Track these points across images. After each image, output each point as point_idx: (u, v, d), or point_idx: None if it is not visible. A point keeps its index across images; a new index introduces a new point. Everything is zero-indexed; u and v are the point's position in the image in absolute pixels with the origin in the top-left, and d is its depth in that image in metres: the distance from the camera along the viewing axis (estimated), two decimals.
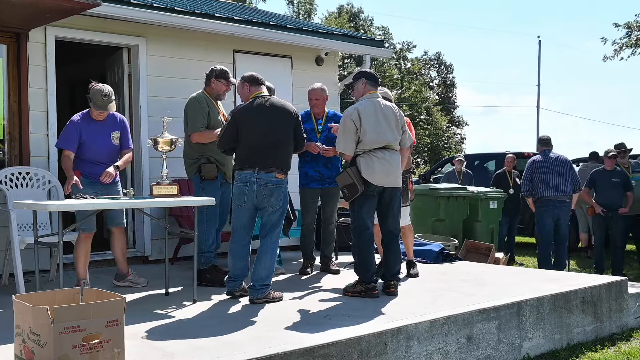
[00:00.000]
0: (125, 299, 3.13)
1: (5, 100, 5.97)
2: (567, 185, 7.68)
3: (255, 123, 4.80)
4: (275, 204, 4.80)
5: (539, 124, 35.74)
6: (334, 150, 5.58)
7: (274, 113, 4.85)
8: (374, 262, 5.05)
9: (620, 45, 17.02)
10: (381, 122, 4.97)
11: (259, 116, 4.81)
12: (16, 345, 3.09)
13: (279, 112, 4.88)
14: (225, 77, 5.63)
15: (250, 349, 3.43)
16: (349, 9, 38.19)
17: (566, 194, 7.67)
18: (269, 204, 4.78)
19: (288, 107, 4.96)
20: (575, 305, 5.11)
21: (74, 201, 4.59)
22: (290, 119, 4.93)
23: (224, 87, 5.65)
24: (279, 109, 4.89)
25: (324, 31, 8.40)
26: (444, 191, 8.73)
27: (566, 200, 7.69)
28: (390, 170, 4.98)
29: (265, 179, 4.75)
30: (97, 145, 5.15)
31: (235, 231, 4.91)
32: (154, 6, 6.49)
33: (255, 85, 4.97)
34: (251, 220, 4.90)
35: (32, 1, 5.07)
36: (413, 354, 3.95)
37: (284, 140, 4.88)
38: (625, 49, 16.99)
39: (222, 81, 5.62)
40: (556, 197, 7.63)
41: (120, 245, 5.39)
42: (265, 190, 4.75)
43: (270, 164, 4.76)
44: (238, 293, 4.90)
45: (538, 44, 34.16)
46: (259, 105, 4.86)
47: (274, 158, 4.78)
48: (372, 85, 5.14)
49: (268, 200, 4.77)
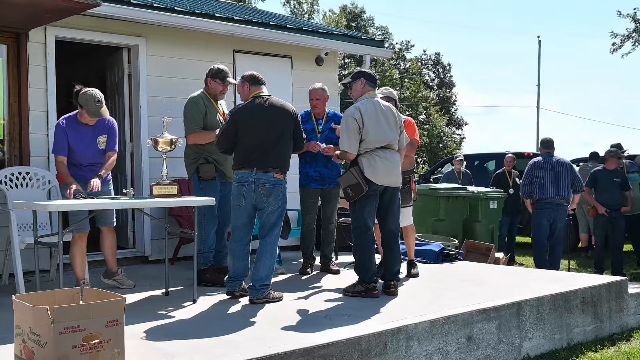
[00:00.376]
0: (126, 299, 3.13)
1: (5, 100, 5.97)
2: (566, 189, 7.73)
3: (254, 123, 4.79)
4: (274, 204, 4.80)
5: (539, 123, 35.83)
6: (334, 149, 5.59)
7: (272, 113, 4.84)
8: (375, 262, 5.05)
9: (628, 36, 16.96)
10: (382, 122, 4.98)
11: (258, 116, 4.80)
12: (16, 345, 3.09)
13: (278, 112, 4.87)
14: (220, 76, 5.56)
15: (250, 349, 3.43)
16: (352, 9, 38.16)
17: (564, 198, 7.71)
18: (267, 204, 4.78)
19: (287, 107, 4.95)
20: (575, 306, 5.11)
21: (74, 201, 4.59)
22: (290, 119, 4.92)
23: (220, 87, 5.58)
24: (278, 108, 4.88)
25: (324, 31, 8.40)
26: (444, 191, 8.73)
27: (563, 203, 7.73)
28: (392, 169, 4.99)
29: (264, 179, 4.74)
30: (82, 149, 5.11)
31: (234, 231, 4.91)
32: (154, 6, 6.49)
33: (255, 85, 4.95)
34: (250, 220, 4.89)
35: (32, 1, 5.07)
36: (413, 354, 3.95)
37: (283, 140, 4.87)
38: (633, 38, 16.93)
39: (217, 81, 5.57)
40: (553, 200, 7.69)
41: (110, 244, 5.38)
42: (264, 190, 4.75)
43: (268, 164, 4.75)
44: (238, 293, 4.89)
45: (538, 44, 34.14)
46: (258, 105, 4.84)
47: (273, 158, 4.78)
48: (371, 86, 5.14)
49: (266, 200, 4.77)
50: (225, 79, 5.57)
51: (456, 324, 4.22)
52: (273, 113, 4.84)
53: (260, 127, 4.78)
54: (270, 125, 4.80)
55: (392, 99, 5.61)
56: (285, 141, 4.88)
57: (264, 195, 4.75)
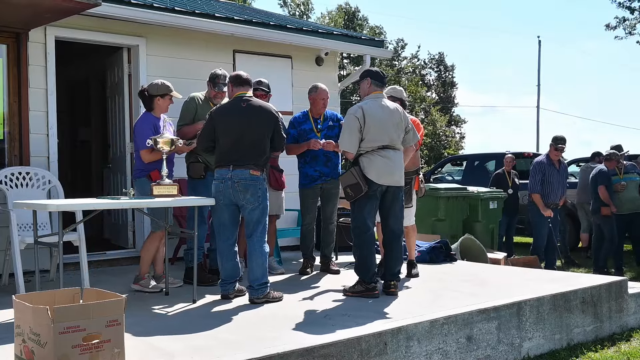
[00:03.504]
0: (126, 299, 3.13)
1: (5, 100, 5.97)
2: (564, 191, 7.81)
3: (230, 122, 4.81)
4: (252, 201, 4.77)
5: (538, 124, 35.80)
6: (334, 145, 5.60)
7: (250, 113, 4.83)
8: (375, 262, 5.05)
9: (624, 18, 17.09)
10: (385, 122, 4.97)
11: (235, 116, 4.83)
12: (16, 345, 3.09)
13: (256, 112, 4.84)
14: (213, 82, 5.60)
15: (250, 349, 3.43)
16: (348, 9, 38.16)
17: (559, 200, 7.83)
18: (245, 201, 4.76)
19: (267, 108, 4.91)
20: (575, 306, 5.11)
21: (74, 201, 4.60)
22: (269, 120, 4.87)
23: (213, 92, 5.62)
24: (255, 109, 4.86)
25: (324, 31, 8.40)
26: (444, 191, 8.73)
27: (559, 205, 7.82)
28: (394, 169, 4.98)
29: (240, 175, 4.74)
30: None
31: (217, 230, 4.93)
32: (154, 6, 6.49)
33: (238, 86, 4.95)
34: (234, 219, 4.88)
35: (32, 1, 5.07)
36: (413, 354, 3.95)
37: (259, 141, 4.82)
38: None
39: (210, 85, 5.64)
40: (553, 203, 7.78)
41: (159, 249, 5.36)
42: (240, 186, 4.74)
43: (245, 162, 4.76)
44: (232, 295, 4.89)
45: (538, 44, 34.17)
46: (235, 105, 4.88)
47: (250, 156, 4.77)
48: (377, 85, 5.12)
49: (244, 197, 4.75)
50: (216, 84, 5.59)
51: (456, 324, 4.22)
52: (250, 113, 4.82)
53: (236, 127, 4.79)
54: (247, 125, 4.79)
55: (400, 98, 5.61)
56: (260, 142, 4.84)
57: (240, 191, 4.74)
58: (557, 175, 7.84)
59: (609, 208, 8.42)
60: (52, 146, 6.20)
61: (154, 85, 5.24)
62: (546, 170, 7.80)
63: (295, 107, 7.62)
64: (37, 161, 6.04)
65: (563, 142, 7.94)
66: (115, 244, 7.27)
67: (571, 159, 12.51)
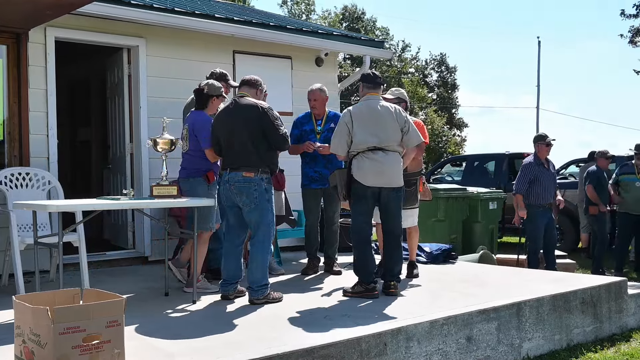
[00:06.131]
0: (125, 300, 3.13)
1: (5, 100, 5.97)
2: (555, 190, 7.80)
3: (223, 124, 4.85)
4: (248, 203, 4.76)
5: (538, 124, 35.72)
6: (329, 148, 5.61)
7: (237, 113, 4.81)
8: (373, 262, 5.05)
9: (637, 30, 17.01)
10: (374, 124, 4.96)
11: (225, 117, 4.85)
12: (16, 346, 3.09)
13: (242, 111, 4.81)
14: (224, 79, 5.53)
15: (250, 349, 3.43)
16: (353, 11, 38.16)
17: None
18: (242, 203, 4.78)
19: (253, 105, 4.83)
20: (575, 306, 5.12)
21: (73, 202, 4.60)
22: (254, 117, 4.78)
23: (226, 90, 5.53)
24: (241, 107, 4.83)
25: (324, 32, 8.41)
26: (443, 192, 8.73)
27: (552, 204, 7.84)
28: (384, 170, 4.95)
29: (234, 177, 4.75)
30: None
31: (225, 231, 4.99)
32: (153, 7, 6.50)
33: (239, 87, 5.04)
34: (237, 220, 4.89)
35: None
36: (413, 354, 3.95)
37: (250, 141, 4.76)
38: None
39: (222, 84, 5.59)
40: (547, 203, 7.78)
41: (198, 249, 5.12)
42: (235, 189, 4.76)
43: (237, 163, 4.76)
44: (232, 296, 4.90)
45: (538, 44, 34.13)
46: (226, 107, 4.92)
47: (241, 157, 4.76)
48: (369, 88, 5.15)
49: (240, 199, 4.77)
50: (226, 80, 5.56)
51: (456, 325, 4.22)
52: (236, 113, 4.82)
53: (226, 128, 4.81)
54: (234, 126, 4.78)
55: (402, 99, 5.62)
56: (252, 141, 4.77)
57: (236, 193, 4.77)
58: (548, 174, 7.79)
59: (597, 207, 8.46)
60: (52, 147, 6.20)
61: (212, 86, 5.13)
62: (536, 172, 7.75)
63: (295, 107, 7.63)
64: (37, 162, 6.04)
65: (548, 137, 7.98)
66: (115, 244, 7.27)
67: (570, 160, 12.52)
